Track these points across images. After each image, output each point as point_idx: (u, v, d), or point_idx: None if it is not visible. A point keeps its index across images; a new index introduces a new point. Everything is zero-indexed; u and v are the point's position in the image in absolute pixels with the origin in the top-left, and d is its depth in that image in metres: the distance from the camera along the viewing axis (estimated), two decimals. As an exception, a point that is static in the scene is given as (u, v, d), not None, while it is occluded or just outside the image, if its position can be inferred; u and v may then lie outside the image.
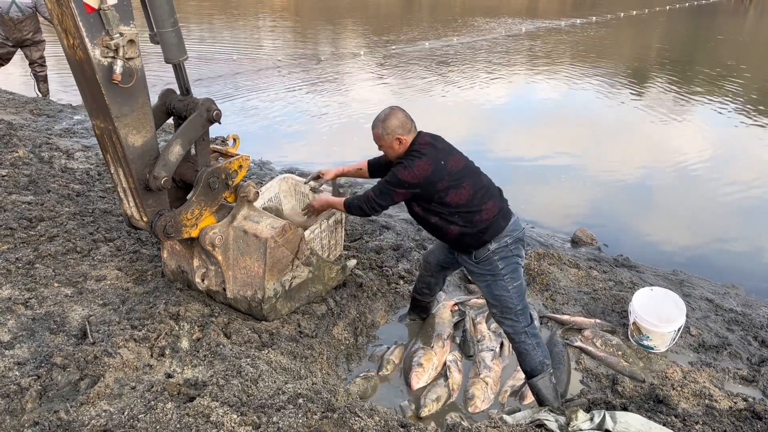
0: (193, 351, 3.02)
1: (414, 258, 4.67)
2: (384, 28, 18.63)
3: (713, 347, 3.95)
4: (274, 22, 19.47)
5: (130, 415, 2.42)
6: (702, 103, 10.82)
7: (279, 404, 2.60)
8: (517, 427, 2.74)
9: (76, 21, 2.37)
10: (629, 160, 7.93)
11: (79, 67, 2.57)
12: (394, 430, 2.55)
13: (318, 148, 8.03)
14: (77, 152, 6.07)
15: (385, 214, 5.54)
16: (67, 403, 2.49)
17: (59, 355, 2.74)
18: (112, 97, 2.58)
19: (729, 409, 3.23)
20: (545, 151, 8.19)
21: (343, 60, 13.50)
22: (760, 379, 3.62)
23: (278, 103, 9.91)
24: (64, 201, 4.66)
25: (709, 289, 4.82)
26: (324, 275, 3.81)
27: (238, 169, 3.26)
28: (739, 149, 8.58)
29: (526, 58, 14.26)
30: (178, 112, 3.13)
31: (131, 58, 2.57)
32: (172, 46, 2.95)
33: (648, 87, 12.11)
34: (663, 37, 19.24)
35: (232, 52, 13.54)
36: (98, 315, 3.20)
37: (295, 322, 3.57)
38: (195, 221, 3.15)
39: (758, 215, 6.46)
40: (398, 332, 3.95)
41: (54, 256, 3.76)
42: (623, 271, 4.90)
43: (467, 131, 8.80)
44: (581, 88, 11.71)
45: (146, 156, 2.83)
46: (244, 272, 3.38)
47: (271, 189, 4.33)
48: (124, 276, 3.69)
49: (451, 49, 14.95)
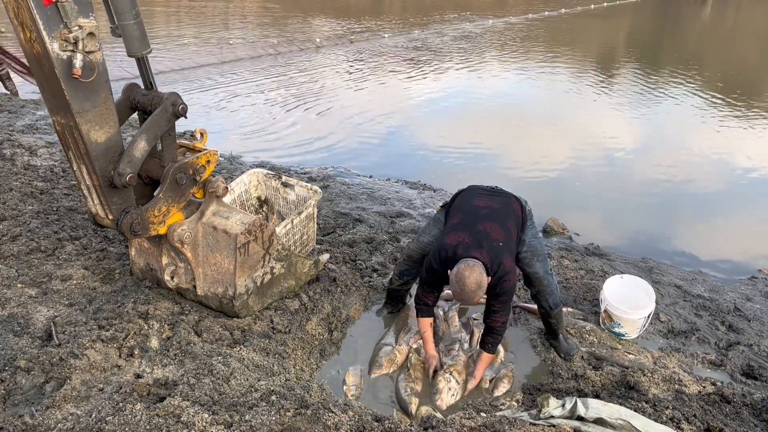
0: (163, 350, 2.97)
1: (387, 251, 4.65)
2: (352, 19, 18.54)
3: (682, 333, 4.02)
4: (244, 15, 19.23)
5: (98, 418, 2.37)
6: (668, 94, 11.02)
7: (251, 402, 2.57)
8: (489, 417, 2.75)
9: (32, 13, 2.29)
10: (597, 149, 8.05)
11: (37, 62, 2.48)
12: (368, 425, 2.54)
13: (286, 141, 7.98)
14: (40, 149, 5.91)
15: (359, 207, 5.52)
16: (32, 407, 2.43)
17: (23, 358, 2.67)
18: (73, 92, 2.51)
19: (698, 394, 3.30)
20: (514, 143, 8.26)
21: (307, 51, 13.41)
22: (728, 363, 3.70)
23: (243, 96, 9.82)
24: (27, 199, 4.54)
25: (677, 276, 4.91)
26: (297, 270, 3.78)
27: (205, 164, 3.20)
28: (708, 140, 8.77)
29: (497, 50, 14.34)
30: (143, 106, 3.05)
31: (91, 52, 2.49)
32: (135, 39, 2.87)
33: (616, 78, 12.28)
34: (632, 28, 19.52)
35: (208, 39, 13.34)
36: (64, 316, 3.13)
37: (268, 319, 3.53)
38: (162, 218, 3.09)
39: (725, 203, 6.61)
40: (373, 326, 3.93)
41: (17, 256, 3.66)
42: (594, 260, 4.96)
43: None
44: (553, 80, 11.82)
45: (110, 152, 2.76)
46: (214, 269, 3.33)
47: (241, 183, 4.27)
48: (91, 275, 3.61)
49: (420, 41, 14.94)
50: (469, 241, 3.16)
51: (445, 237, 3.30)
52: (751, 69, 14.27)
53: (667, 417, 2.98)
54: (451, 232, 3.29)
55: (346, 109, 9.34)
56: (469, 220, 3.31)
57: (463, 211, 3.42)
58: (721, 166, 7.63)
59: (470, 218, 3.33)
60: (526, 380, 3.51)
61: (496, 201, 3.46)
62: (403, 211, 5.57)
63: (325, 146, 7.83)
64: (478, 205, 3.42)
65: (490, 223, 3.26)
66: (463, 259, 3.06)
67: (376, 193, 6.09)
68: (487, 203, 3.43)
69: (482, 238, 3.17)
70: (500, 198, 3.50)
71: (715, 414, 3.09)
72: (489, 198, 3.48)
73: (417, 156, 7.72)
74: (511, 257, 3.24)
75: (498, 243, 3.18)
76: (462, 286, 2.98)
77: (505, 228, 3.28)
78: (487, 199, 3.47)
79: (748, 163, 7.66)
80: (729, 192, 6.92)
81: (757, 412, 3.15)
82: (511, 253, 3.28)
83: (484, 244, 3.14)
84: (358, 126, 8.66)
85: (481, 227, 3.23)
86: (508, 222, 3.34)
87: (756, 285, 4.95)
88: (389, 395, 3.32)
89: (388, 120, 8.94)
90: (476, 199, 3.48)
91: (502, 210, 3.40)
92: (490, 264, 3.09)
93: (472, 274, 2.98)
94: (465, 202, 3.49)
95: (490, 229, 3.23)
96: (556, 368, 3.56)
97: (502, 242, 3.20)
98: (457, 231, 3.26)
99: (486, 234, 3.20)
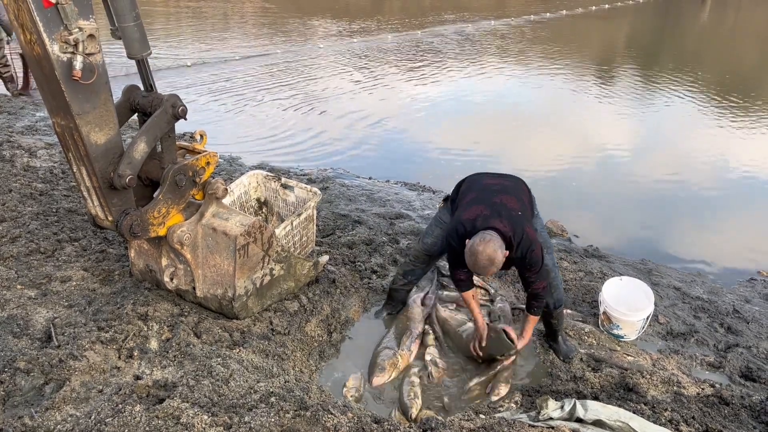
0: (163, 352, 2.97)
1: (387, 252, 4.66)
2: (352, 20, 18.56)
3: (681, 335, 4.03)
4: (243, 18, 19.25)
5: (98, 419, 2.37)
6: (667, 95, 11.03)
7: (251, 404, 2.57)
8: (488, 419, 2.75)
9: (32, 15, 2.29)
10: (596, 151, 8.05)
11: (37, 64, 2.49)
12: (367, 427, 2.54)
13: (285, 142, 7.99)
14: (40, 150, 5.92)
15: (358, 209, 5.52)
16: (32, 409, 2.44)
17: (23, 359, 2.68)
18: (73, 93, 2.51)
19: (697, 395, 3.30)
20: (513, 144, 8.27)
21: (305, 51, 13.42)
22: (726, 365, 3.71)
23: (248, 97, 9.82)
24: (27, 200, 4.54)
25: (676, 278, 4.92)
26: (296, 272, 3.78)
27: (205, 166, 3.20)
28: (707, 142, 8.77)
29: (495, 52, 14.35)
30: (143, 108, 3.06)
31: (92, 54, 2.50)
32: (135, 41, 2.88)
33: (615, 79, 12.29)
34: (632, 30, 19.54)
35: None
36: (63, 317, 3.13)
37: (267, 320, 3.53)
38: (162, 220, 3.09)
39: (724, 205, 6.62)
40: (372, 328, 3.93)
41: (17, 258, 3.66)
42: (593, 262, 4.96)
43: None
44: (547, 82, 11.84)
45: (110, 154, 2.76)
46: (213, 270, 3.34)
47: (241, 185, 4.28)
48: (91, 276, 3.62)
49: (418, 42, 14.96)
50: (487, 212, 3.08)
51: (461, 213, 3.19)
52: (749, 70, 14.29)
53: (665, 419, 2.98)
54: (468, 208, 3.19)
55: (346, 110, 9.34)
56: (484, 196, 3.24)
57: (475, 190, 3.34)
58: (720, 167, 7.63)
59: (484, 194, 3.25)
60: (525, 382, 3.51)
61: (506, 179, 3.43)
62: (403, 212, 5.57)
63: (324, 147, 7.84)
64: (489, 182, 3.37)
65: (505, 196, 3.20)
66: (480, 232, 2.98)
67: (376, 194, 6.09)
68: (498, 181, 3.39)
69: (500, 208, 3.10)
70: (509, 177, 3.47)
71: (713, 416, 3.10)
72: (498, 178, 3.46)
73: (416, 157, 7.73)
74: (531, 227, 3.15)
75: (517, 212, 3.11)
76: (474, 258, 2.93)
77: (520, 201, 3.22)
78: (496, 178, 3.45)
79: (748, 165, 7.65)
80: (728, 194, 6.92)
81: (755, 414, 3.15)
82: (531, 224, 3.19)
83: (503, 213, 3.07)
84: (358, 127, 8.66)
85: (497, 199, 3.16)
86: (522, 196, 3.29)
87: (755, 287, 4.96)
88: (389, 398, 3.32)
89: (387, 121, 8.94)
90: (486, 179, 3.44)
91: (513, 186, 3.36)
92: (512, 233, 3.01)
93: (486, 249, 2.89)
94: (474, 183, 3.43)
95: (506, 200, 3.16)
96: (555, 370, 3.56)
97: (521, 212, 3.14)
98: (474, 205, 3.18)
99: (503, 205, 3.12)
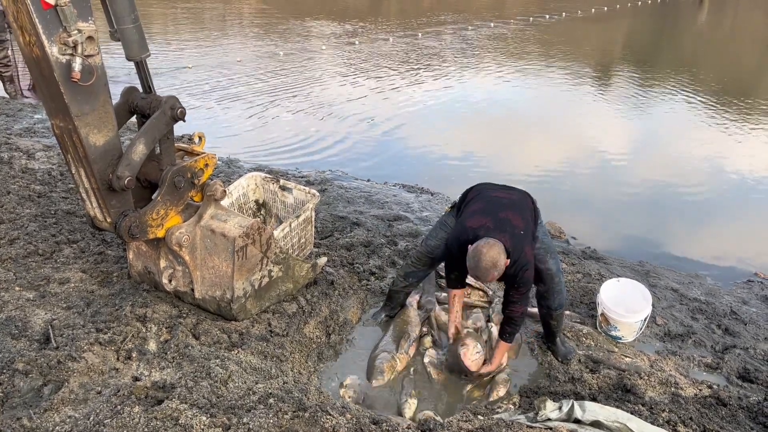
0: (161, 353, 2.97)
1: (385, 254, 4.66)
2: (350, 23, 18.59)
3: (678, 336, 4.03)
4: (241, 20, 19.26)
5: (96, 421, 2.38)
6: (664, 97, 11.06)
7: (249, 405, 2.58)
8: (486, 420, 2.76)
9: (31, 17, 2.31)
10: (594, 153, 8.07)
11: (36, 65, 2.50)
12: (365, 428, 2.54)
13: (284, 144, 7.99)
14: (38, 152, 5.91)
15: (356, 211, 5.53)
16: (30, 410, 2.43)
17: (21, 361, 2.67)
18: (72, 95, 2.52)
19: (694, 397, 3.31)
20: (511, 146, 8.29)
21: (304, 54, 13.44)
22: (724, 366, 3.71)
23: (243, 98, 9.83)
24: (25, 202, 4.54)
25: (674, 279, 4.93)
26: (294, 273, 3.79)
27: (204, 168, 3.21)
28: (704, 144, 8.78)
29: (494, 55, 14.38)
30: (141, 110, 3.07)
31: (91, 56, 2.51)
32: (134, 43, 2.89)
33: (612, 82, 12.33)
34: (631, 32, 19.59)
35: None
36: (62, 319, 3.13)
37: (266, 322, 3.53)
38: (161, 221, 3.10)
39: (722, 207, 6.64)
40: (371, 330, 3.93)
41: (15, 260, 3.66)
42: (591, 263, 4.97)
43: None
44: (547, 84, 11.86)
45: (108, 155, 2.77)
46: (212, 272, 3.34)
47: (239, 187, 4.28)
48: (89, 278, 3.62)
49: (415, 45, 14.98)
50: (491, 225, 3.12)
51: (466, 221, 3.24)
52: (747, 72, 14.33)
53: (663, 420, 2.99)
54: (472, 216, 3.24)
55: (344, 112, 9.34)
56: (490, 208, 3.27)
57: (483, 201, 3.37)
58: (717, 169, 7.65)
59: (491, 206, 3.29)
60: (523, 383, 3.51)
61: (514, 194, 3.45)
62: (401, 214, 5.58)
63: (323, 149, 7.84)
64: (498, 195, 3.40)
65: (511, 212, 3.23)
66: (485, 237, 3.02)
67: (374, 196, 6.10)
68: (506, 195, 3.42)
69: (505, 224, 3.14)
70: (516, 191, 3.49)
71: (711, 417, 3.10)
72: (505, 191, 3.48)
73: (414, 159, 7.74)
74: (530, 248, 3.22)
75: (519, 231, 3.15)
76: (477, 261, 2.93)
77: (525, 219, 3.26)
78: (504, 191, 3.47)
79: (745, 167, 7.67)
80: (725, 195, 6.94)
81: (753, 415, 3.16)
82: (531, 244, 3.25)
83: (507, 229, 3.10)
84: (356, 130, 8.66)
85: (502, 215, 3.20)
86: (527, 214, 3.33)
87: (752, 288, 4.97)
88: (387, 399, 3.32)
89: (385, 123, 8.95)
90: (494, 191, 3.47)
91: (520, 202, 3.39)
92: (512, 249, 3.05)
93: (490, 252, 2.92)
94: (482, 194, 3.46)
95: (511, 217, 3.20)
96: (553, 371, 3.57)
97: (523, 231, 3.18)
98: (479, 216, 3.22)
99: (508, 221, 3.16)
